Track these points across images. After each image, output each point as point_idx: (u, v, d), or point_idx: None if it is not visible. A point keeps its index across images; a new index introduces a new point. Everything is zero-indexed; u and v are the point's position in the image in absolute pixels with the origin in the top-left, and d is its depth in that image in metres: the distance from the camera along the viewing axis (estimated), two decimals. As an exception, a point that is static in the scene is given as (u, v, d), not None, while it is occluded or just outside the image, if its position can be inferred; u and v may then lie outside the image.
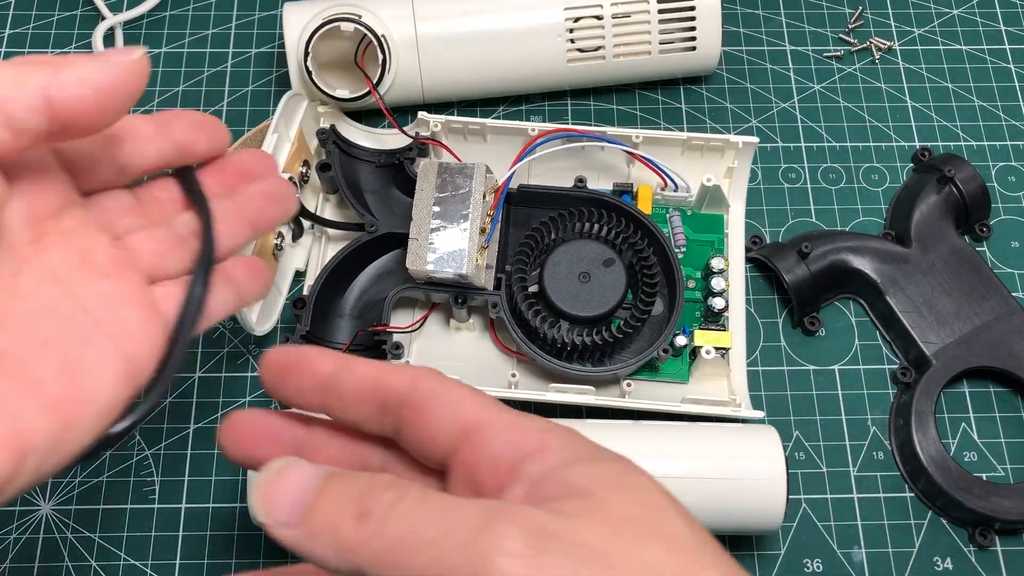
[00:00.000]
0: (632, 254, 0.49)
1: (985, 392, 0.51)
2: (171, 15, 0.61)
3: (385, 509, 0.23)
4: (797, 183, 0.57)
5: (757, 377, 0.51)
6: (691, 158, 0.52)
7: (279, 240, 0.49)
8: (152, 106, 0.58)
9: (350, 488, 0.24)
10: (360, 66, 0.54)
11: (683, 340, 0.49)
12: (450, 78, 0.55)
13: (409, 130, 0.53)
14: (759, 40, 0.61)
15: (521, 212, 0.51)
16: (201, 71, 0.60)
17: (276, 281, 0.50)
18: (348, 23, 0.52)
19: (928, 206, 0.53)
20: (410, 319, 0.50)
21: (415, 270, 0.47)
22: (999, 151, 0.58)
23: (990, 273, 0.52)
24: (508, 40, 0.55)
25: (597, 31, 0.55)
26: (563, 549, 0.22)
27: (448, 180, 0.48)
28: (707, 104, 0.59)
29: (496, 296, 0.48)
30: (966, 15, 0.62)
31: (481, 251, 0.47)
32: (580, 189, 0.50)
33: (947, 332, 0.50)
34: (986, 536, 0.47)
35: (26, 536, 0.47)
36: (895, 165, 0.57)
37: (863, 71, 0.60)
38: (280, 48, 0.60)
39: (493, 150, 0.52)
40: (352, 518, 0.23)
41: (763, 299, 0.53)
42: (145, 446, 0.49)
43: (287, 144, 0.50)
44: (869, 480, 0.49)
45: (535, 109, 0.59)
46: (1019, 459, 0.49)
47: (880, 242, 0.52)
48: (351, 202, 0.51)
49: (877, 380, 0.51)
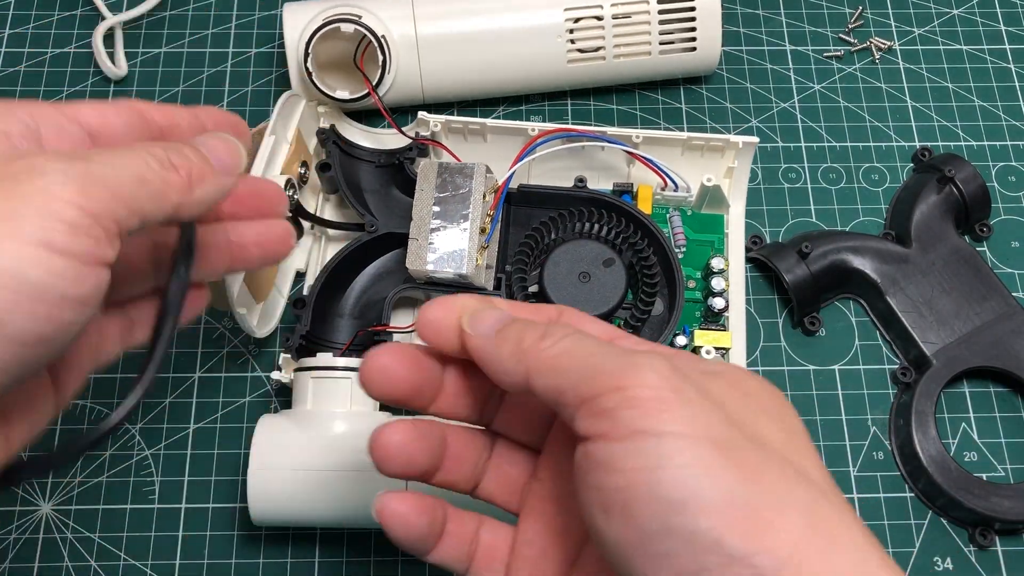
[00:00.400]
0: (632, 254, 0.49)
1: (985, 392, 0.51)
2: (171, 15, 0.61)
3: (559, 335, 0.28)
4: (797, 183, 0.57)
5: (757, 377, 0.51)
6: (691, 158, 0.52)
7: (279, 240, 0.49)
8: (152, 106, 0.58)
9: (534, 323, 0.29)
10: (359, 67, 0.54)
11: (683, 340, 0.49)
12: (450, 78, 0.55)
13: (409, 130, 0.53)
14: (759, 40, 0.61)
15: (521, 212, 0.51)
16: (201, 71, 0.60)
17: (277, 283, 0.50)
18: (348, 24, 0.52)
19: (928, 206, 0.53)
20: (410, 319, 0.50)
21: (415, 270, 0.47)
22: (999, 151, 0.58)
23: (990, 273, 0.52)
24: (508, 40, 0.55)
25: (597, 31, 0.55)
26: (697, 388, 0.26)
27: (448, 180, 0.48)
28: (707, 104, 0.59)
29: (496, 296, 0.48)
30: (966, 15, 0.62)
31: (481, 251, 0.47)
32: (580, 189, 0.50)
33: (947, 332, 0.50)
34: (986, 536, 0.47)
35: (26, 536, 0.47)
36: (895, 165, 0.57)
37: (863, 71, 0.60)
38: (280, 48, 0.60)
39: (493, 150, 0.52)
40: (534, 336, 0.29)
41: (763, 299, 0.53)
42: (145, 446, 0.49)
43: (285, 145, 0.50)
44: (869, 480, 0.49)
45: (535, 109, 0.59)
46: (1019, 459, 0.49)
47: (880, 242, 0.52)
48: (351, 202, 0.51)
49: (877, 380, 0.51)
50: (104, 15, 0.60)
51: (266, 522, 0.44)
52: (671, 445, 0.24)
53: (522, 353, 0.28)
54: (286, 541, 0.47)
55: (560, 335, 0.28)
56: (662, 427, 0.25)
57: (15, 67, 0.59)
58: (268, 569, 0.47)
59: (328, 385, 0.45)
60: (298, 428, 0.44)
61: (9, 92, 0.58)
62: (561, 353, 0.28)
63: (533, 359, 0.28)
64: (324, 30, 0.52)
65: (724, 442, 0.25)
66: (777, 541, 0.24)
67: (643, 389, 0.25)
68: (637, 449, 0.24)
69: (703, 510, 0.24)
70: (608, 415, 0.25)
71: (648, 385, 0.25)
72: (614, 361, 0.26)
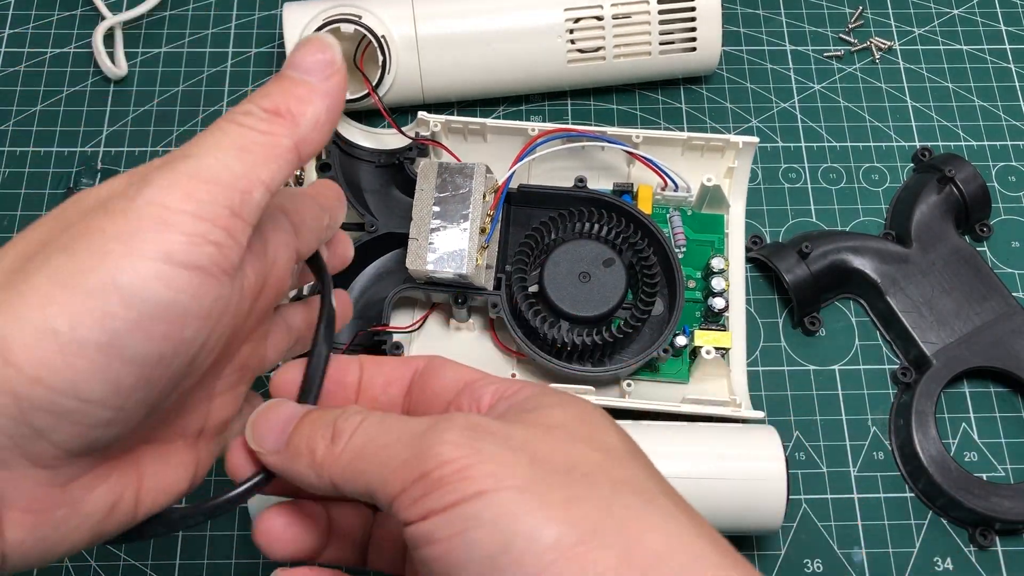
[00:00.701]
0: (632, 254, 0.49)
1: (985, 392, 0.51)
2: (171, 15, 0.61)
3: (352, 428, 0.27)
4: (797, 183, 0.57)
5: (757, 377, 0.51)
6: (691, 158, 0.52)
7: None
8: (152, 106, 0.58)
9: (324, 418, 0.28)
10: (359, 67, 0.54)
11: (683, 340, 0.49)
12: (450, 78, 0.55)
13: (409, 130, 0.53)
14: (759, 40, 0.61)
15: (521, 212, 0.51)
16: (201, 71, 0.60)
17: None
18: (348, 24, 0.52)
19: (928, 206, 0.53)
20: (410, 319, 0.50)
21: (415, 270, 0.47)
22: (999, 151, 0.58)
23: (990, 273, 0.52)
24: (508, 40, 0.55)
25: (597, 31, 0.55)
26: (496, 440, 0.26)
27: (448, 180, 0.48)
28: (707, 104, 0.59)
29: (496, 296, 0.48)
30: (966, 15, 0.62)
31: (481, 251, 0.47)
32: (580, 189, 0.50)
33: (947, 332, 0.50)
34: (986, 536, 0.47)
35: (26, 536, 0.47)
36: (895, 165, 0.57)
37: (863, 71, 0.60)
38: (280, 48, 0.60)
39: (493, 150, 0.52)
40: (324, 440, 0.27)
41: (763, 299, 0.53)
42: (145, 446, 0.49)
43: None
44: (869, 480, 0.49)
45: (535, 109, 0.59)
46: (1019, 459, 0.49)
47: (880, 242, 0.52)
48: (351, 202, 0.51)
49: (877, 380, 0.51)
50: (104, 15, 0.60)
51: (266, 522, 0.44)
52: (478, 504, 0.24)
53: (318, 465, 0.27)
54: (286, 541, 0.47)
55: (349, 431, 0.27)
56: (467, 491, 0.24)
57: (15, 67, 0.59)
58: (268, 569, 0.47)
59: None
60: (298, 428, 0.44)
61: (9, 92, 0.58)
62: (355, 456, 0.27)
63: (331, 468, 0.27)
64: (324, 30, 0.52)
65: (529, 486, 0.25)
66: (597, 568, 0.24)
67: (443, 467, 0.25)
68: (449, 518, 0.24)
69: (515, 561, 0.24)
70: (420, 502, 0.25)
71: (446, 460, 0.25)
72: (409, 448, 0.26)
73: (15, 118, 0.58)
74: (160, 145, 0.57)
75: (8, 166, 0.56)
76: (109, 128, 0.58)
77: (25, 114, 0.58)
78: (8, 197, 0.55)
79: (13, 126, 0.58)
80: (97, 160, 0.57)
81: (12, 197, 0.55)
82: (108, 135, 0.57)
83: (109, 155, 0.57)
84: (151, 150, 0.57)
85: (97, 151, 0.57)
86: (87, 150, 0.57)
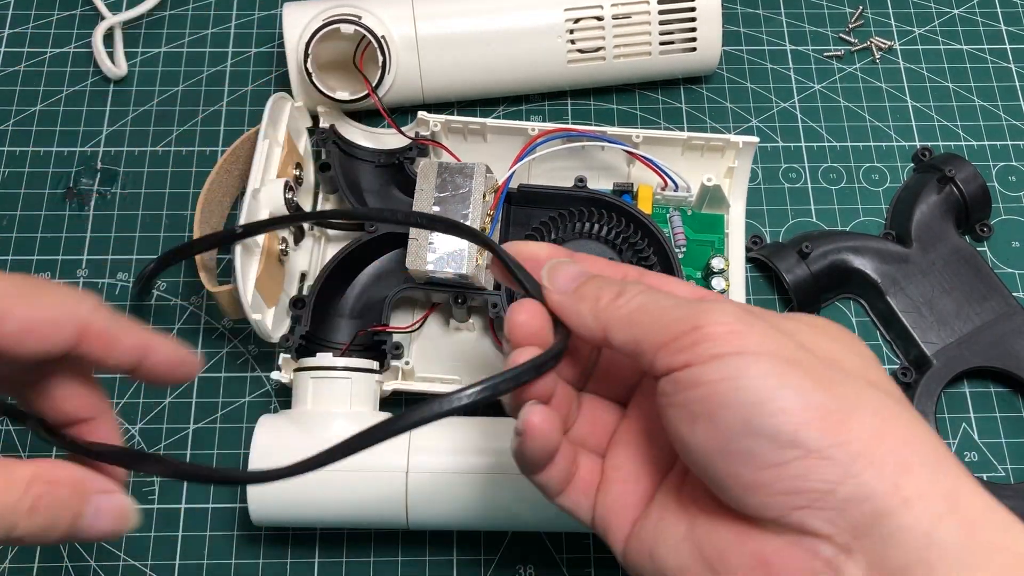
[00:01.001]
0: (632, 254, 0.49)
1: (985, 392, 0.51)
2: (171, 15, 0.61)
3: (635, 292, 0.31)
4: (797, 183, 0.57)
5: (757, 377, 0.51)
6: (691, 158, 0.52)
7: (283, 245, 0.49)
8: (152, 106, 0.58)
9: (612, 279, 0.32)
10: (359, 67, 0.54)
11: (683, 340, 0.49)
12: (450, 78, 0.55)
13: (409, 130, 0.53)
14: (759, 40, 0.61)
15: (521, 212, 0.51)
16: (201, 71, 0.60)
17: (284, 285, 0.50)
18: (348, 24, 0.52)
19: (928, 206, 0.53)
20: (410, 319, 0.50)
21: (415, 270, 0.47)
22: (999, 151, 0.58)
23: (990, 273, 0.52)
24: (508, 40, 0.55)
25: (597, 31, 0.55)
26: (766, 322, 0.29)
27: (448, 180, 0.48)
28: (707, 104, 0.59)
29: (496, 296, 0.48)
30: (966, 15, 0.62)
31: (481, 251, 0.47)
32: (580, 189, 0.50)
33: (947, 332, 0.50)
34: (986, 536, 0.47)
35: (26, 536, 0.47)
36: (895, 165, 0.57)
37: (863, 71, 0.60)
38: (280, 48, 0.60)
39: (493, 150, 0.52)
40: (610, 295, 0.31)
41: (763, 299, 0.53)
42: (145, 446, 0.49)
43: (277, 149, 0.50)
44: (869, 480, 0.49)
45: (535, 109, 0.59)
46: (1019, 459, 0.49)
47: (880, 242, 0.52)
48: (351, 202, 0.51)
49: (877, 380, 0.51)
50: (104, 15, 0.60)
51: (266, 522, 0.44)
52: (748, 360, 0.27)
53: (599, 311, 0.31)
54: (286, 541, 0.47)
55: (635, 292, 0.31)
56: (738, 349, 0.27)
57: (15, 67, 0.59)
58: (268, 569, 0.47)
59: (328, 385, 0.45)
60: (298, 428, 0.44)
61: (9, 92, 0.58)
62: (636, 309, 0.30)
63: (610, 316, 0.31)
64: (324, 31, 0.52)
65: (796, 359, 0.28)
66: (851, 436, 0.26)
67: (716, 326, 0.28)
68: (717, 365, 0.27)
69: (781, 410, 0.27)
70: (687, 350, 0.28)
71: (720, 322, 0.28)
72: (686, 310, 0.29)
73: (15, 118, 0.58)
74: (160, 145, 0.57)
75: (8, 166, 0.56)
76: (109, 128, 0.58)
77: (25, 114, 0.58)
78: (8, 197, 0.55)
79: (13, 126, 0.58)
80: (97, 160, 0.57)
81: (12, 197, 0.55)
82: (108, 135, 0.57)
83: (109, 155, 0.57)
84: (151, 150, 0.57)
85: (97, 151, 0.57)
86: (87, 150, 0.57)
